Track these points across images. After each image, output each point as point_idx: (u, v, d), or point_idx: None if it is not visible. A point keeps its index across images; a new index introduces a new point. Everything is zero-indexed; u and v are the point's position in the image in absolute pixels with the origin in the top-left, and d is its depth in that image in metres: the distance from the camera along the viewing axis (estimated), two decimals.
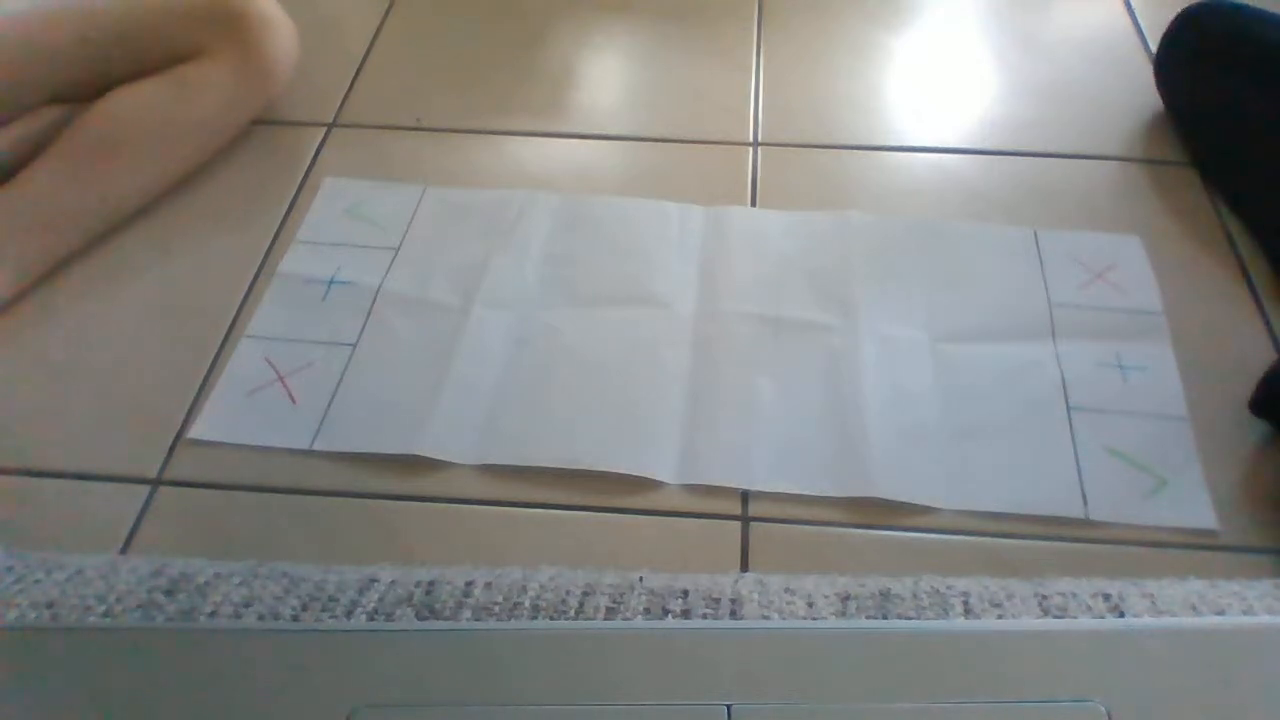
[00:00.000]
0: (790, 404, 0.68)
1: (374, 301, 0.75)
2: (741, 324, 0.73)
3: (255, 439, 0.66)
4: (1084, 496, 0.63)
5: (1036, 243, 0.78)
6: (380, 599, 0.46)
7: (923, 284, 0.75)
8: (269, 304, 0.75)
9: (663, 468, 0.65)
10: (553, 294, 0.75)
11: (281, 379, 0.70)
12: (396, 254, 0.78)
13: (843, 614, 0.45)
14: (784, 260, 0.77)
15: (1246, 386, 0.67)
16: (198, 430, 0.67)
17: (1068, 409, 0.67)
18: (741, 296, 0.75)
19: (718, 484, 0.64)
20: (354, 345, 0.72)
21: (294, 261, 0.78)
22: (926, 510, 0.63)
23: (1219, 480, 0.64)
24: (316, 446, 0.66)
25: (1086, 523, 0.62)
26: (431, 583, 0.47)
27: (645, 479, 0.64)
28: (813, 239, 0.79)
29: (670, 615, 0.45)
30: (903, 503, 0.63)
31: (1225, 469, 0.64)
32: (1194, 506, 0.62)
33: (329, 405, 0.68)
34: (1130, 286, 0.75)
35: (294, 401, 0.68)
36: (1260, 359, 0.70)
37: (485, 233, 0.80)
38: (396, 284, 0.76)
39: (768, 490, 0.64)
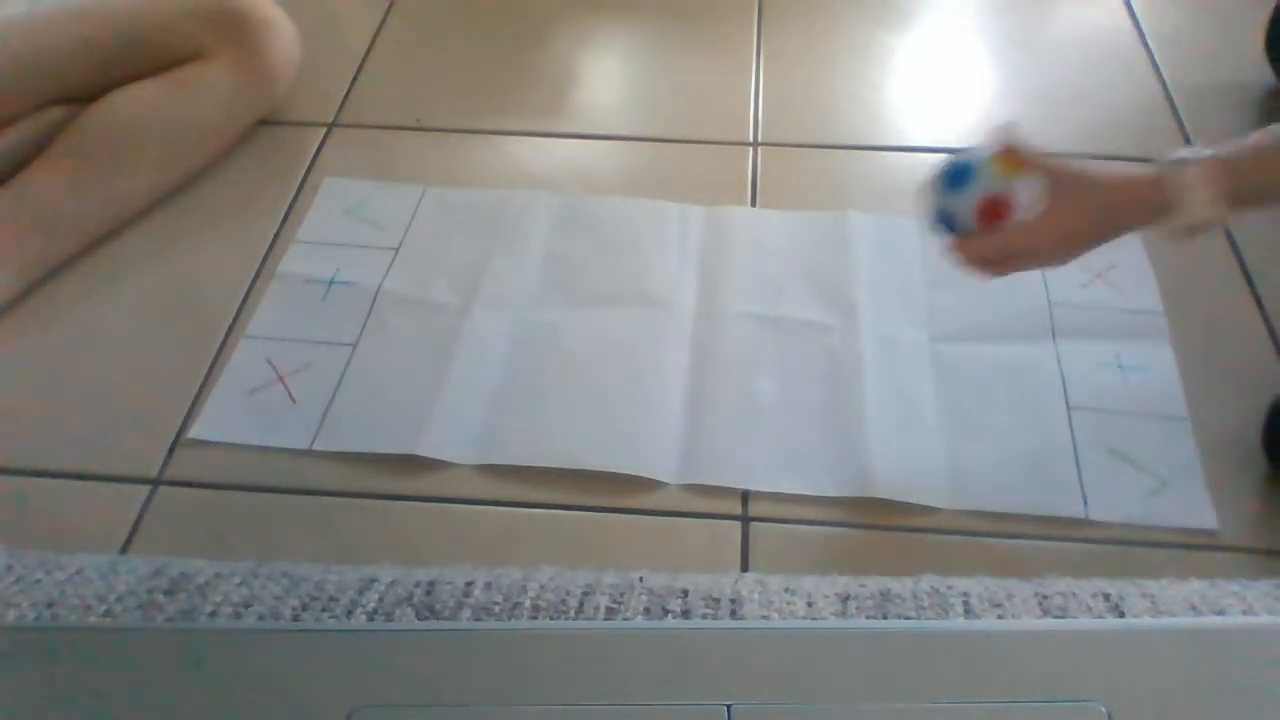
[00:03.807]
0: (790, 404, 0.68)
1: (374, 302, 0.75)
2: (741, 324, 0.73)
3: (255, 439, 0.66)
4: (1084, 496, 0.63)
5: None
6: (380, 599, 0.46)
7: (923, 284, 0.75)
8: (269, 304, 0.75)
9: (663, 468, 0.65)
10: (552, 294, 0.75)
11: (281, 379, 0.70)
12: (396, 254, 0.78)
13: (843, 614, 0.45)
14: (784, 260, 0.77)
15: (1247, 386, 0.67)
16: (198, 430, 0.67)
17: (1068, 409, 0.67)
18: (741, 296, 0.75)
19: (718, 484, 0.64)
20: (354, 345, 0.72)
21: (294, 261, 0.78)
22: (926, 510, 0.63)
23: (1219, 480, 0.64)
24: (316, 446, 0.66)
25: (1086, 523, 0.62)
26: (431, 583, 0.47)
27: (645, 479, 0.64)
28: (813, 239, 0.79)
29: (670, 615, 0.45)
30: (903, 503, 0.63)
31: (1225, 469, 0.64)
32: (1194, 506, 0.62)
33: (329, 405, 0.68)
34: (1130, 286, 0.75)
35: (294, 401, 0.68)
36: (1260, 358, 0.70)
37: (485, 233, 0.80)
38: (396, 284, 0.76)
39: (768, 490, 0.64)
